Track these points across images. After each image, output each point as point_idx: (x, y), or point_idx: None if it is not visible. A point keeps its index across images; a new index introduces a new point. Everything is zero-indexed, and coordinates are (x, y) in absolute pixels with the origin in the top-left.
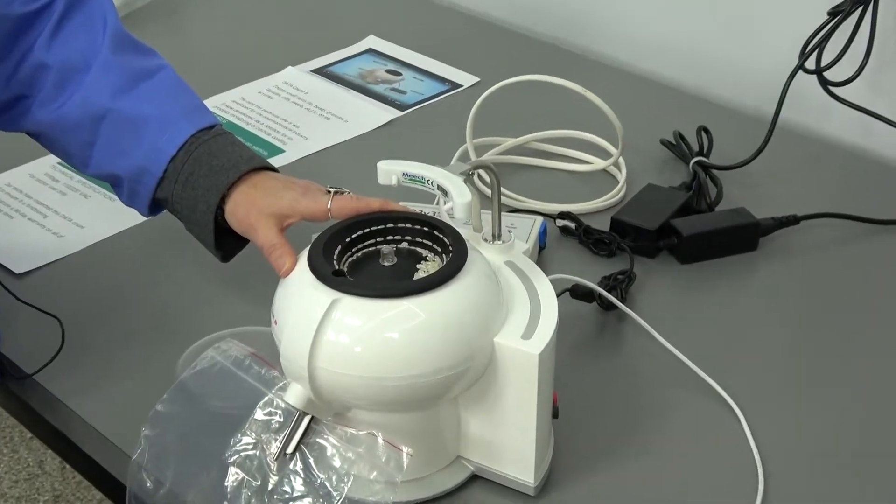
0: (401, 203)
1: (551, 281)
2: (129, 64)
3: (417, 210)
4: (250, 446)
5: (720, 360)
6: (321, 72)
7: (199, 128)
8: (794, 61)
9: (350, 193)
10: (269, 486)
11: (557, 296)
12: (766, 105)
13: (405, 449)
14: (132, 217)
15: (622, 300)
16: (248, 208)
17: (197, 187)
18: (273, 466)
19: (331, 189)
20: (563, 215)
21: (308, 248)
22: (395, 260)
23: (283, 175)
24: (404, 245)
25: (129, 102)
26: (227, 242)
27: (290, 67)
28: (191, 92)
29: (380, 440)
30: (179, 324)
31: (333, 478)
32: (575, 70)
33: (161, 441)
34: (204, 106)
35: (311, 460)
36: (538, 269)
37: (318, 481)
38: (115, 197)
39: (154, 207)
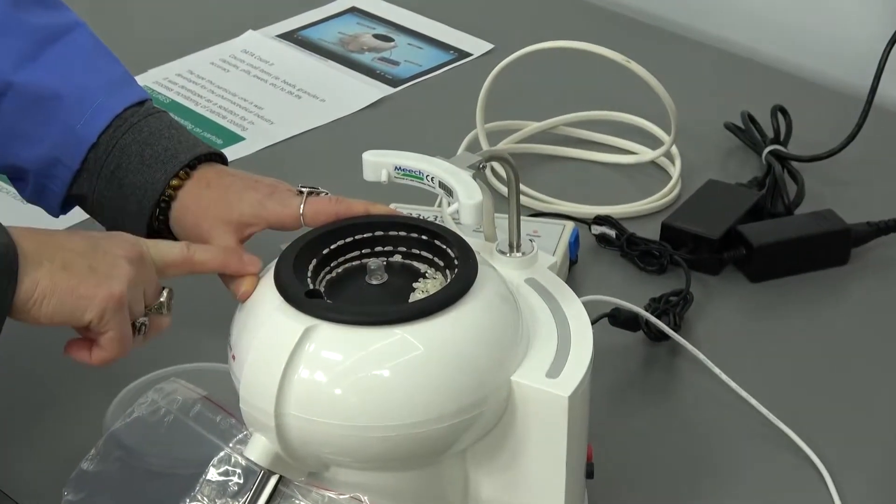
0: (391, 205)
1: (585, 304)
2: (32, 22)
3: (413, 214)
4: None
5: (800, 405)
6: (290, 37)
7: (125, 105)
8: (895, 25)
9: (327, 194)
10: None
11: (593, 323)
12: (860, 79)
13: None
14: (45, 218)
15: (676, 328)
16: (199, 214)
17: (125, 185)
18: None
19: (303, 189)
20: (601, 220)
21: (274, 262)
22: (386, 277)
23: (241, 171)
24: (397, 258)
25: (34, 74)
26: None
27: (250, 31)
28: (112, 58)
29: None
30: None
31: None
32: (616, 35)
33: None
34: (129, 76)
35: None
36: (567, 288)
37: None
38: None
39: (66, 204)
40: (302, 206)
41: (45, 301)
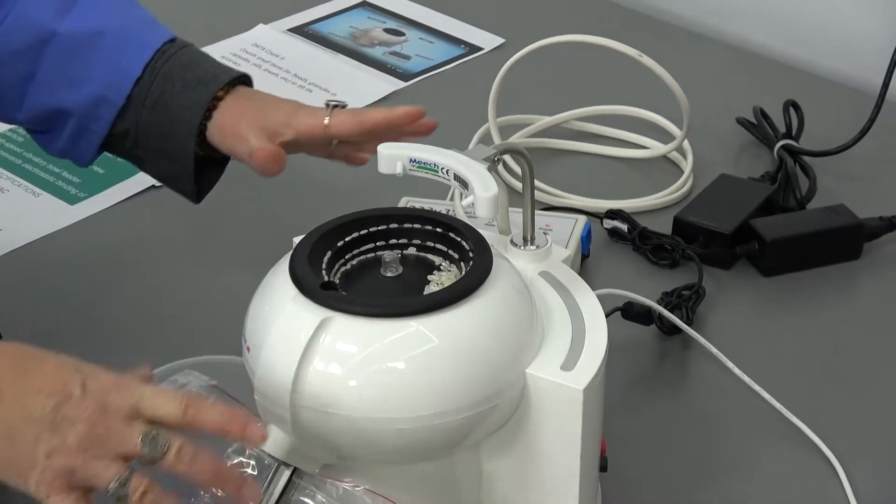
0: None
1: (598, 297)
2: None
3: (427, 207)
4: None
5: (813, 399)
6: (301, 31)
7: (163, 40)
8: None
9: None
10: None
11: (606, 316)
12: (872, 75)
13: None
14: (59, 219)
15: (688, 322)
16: (237, 119)
17: (171, 107)
18: None
19: (330, 102)
20: (613, 214)
21: (289, 253)
22: (401, 269)
23: None
24: (412, 251)
25: (75, 19)
26: (204, 174)
27: (261, 25)
28: (138, 4)
29: (381, 499)
30: (122, 353)
31: None
32: (628, 30)
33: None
34: (157, 20)
35: None
36: (582, 281)
37: None
38: (40, 191)
39: (102, 148)
40: (328, 117)
41: None
